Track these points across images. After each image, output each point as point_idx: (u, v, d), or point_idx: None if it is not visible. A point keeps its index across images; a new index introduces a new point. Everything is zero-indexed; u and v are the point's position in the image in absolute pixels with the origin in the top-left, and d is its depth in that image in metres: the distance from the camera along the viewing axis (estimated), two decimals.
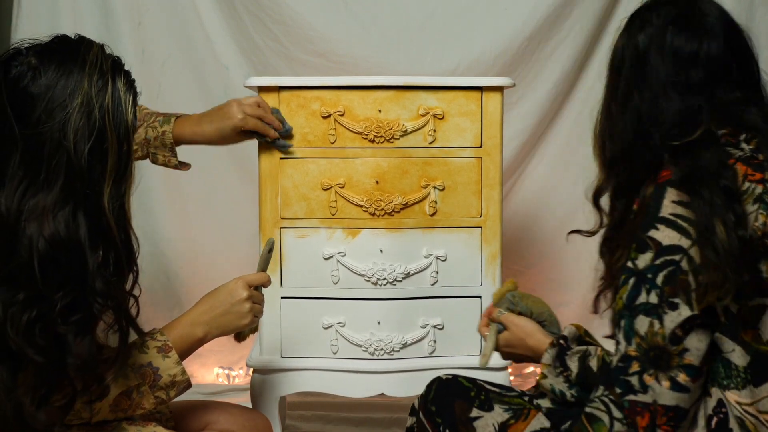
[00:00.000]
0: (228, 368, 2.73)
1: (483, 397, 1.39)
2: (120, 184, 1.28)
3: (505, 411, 1.37)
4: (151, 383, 1.35)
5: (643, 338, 1.18)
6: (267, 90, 1.81)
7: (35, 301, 1.19)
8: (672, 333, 1.16)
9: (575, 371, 1.34)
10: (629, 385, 1.17)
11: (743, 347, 1.19)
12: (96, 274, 1.23)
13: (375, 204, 1.80)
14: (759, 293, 1.18)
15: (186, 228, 2.65)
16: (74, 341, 1.21)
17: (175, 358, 1.37)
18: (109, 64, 1.28)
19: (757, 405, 1.19)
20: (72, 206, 1.22)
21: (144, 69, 2.62)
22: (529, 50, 2.55)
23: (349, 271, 1.82)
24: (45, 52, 1.25)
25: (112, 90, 1.26)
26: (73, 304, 1.21)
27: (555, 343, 1.38)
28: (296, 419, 2.41)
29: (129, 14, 2.60)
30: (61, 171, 1.22)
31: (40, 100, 1.22)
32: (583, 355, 1.35)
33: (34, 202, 1.21)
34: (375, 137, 1.80)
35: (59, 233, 1.21)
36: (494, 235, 1.84)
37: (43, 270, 1.19)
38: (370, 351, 1.82)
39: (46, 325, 1.20)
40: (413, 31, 2.59)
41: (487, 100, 1.82)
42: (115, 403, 1.33)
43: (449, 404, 1.39)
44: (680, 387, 1.16)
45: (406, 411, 1.56)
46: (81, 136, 1.22)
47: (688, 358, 1.16)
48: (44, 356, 1.20)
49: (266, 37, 2.60)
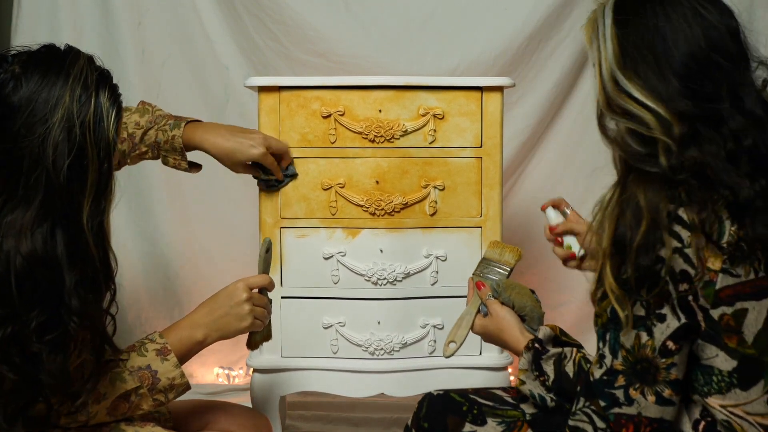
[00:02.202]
0: (228, 368, 2.73)
1: (476, 411, 1.38)
2: (99, 201, 1.25)
3: (498, 424, 1.36)
4: (150, 386, 1.34)
5: (629, 351, 1.18)
6: (267, 90, 1.81)
7: (10, 318, 1.18)
8: (663, 345, 1.17)
9: (551, 377, 1.34)
10: (615, 398, 1.18)
11: (727, 352, 1.19)
12: (72, 293, 1.21)
13: (375, 204, 1.80)
14: (738, 298, 1.18)
15: (186, 228, 2.65)
16: (48, 359, 1.19)
17: (173, 361, 1.36)
18: (95, 77, 1.25)
19: (745, 407, 1.19)
20: (50, 223, 1.20)
21: (144, 69, 2.62)
22: (529, 50, 2.55)
23: (350, 270, 1.82)
24: (30, 61, 1.23)
25: (95, 105, 1.23)
26: (48, 322, 1.19)
27: (530, 346, 1.38)
28: (296, 419, 2.41)
29: (129, 14, 2.60)
30: (39, 187, 1.20)
31: (20, 113, 1.20)
32: (558, 358, 1.34)
33: (12, 218, 1.19)
34: (375, 137, 1.80)
35: (36, 251, 1.18)
36: (494, 235, 1.84)
37: (19, 287, 1.18)
38: (370, 351, 1.82)
39: (20, 342, 1.18)
40: (413, 31, 2.59)
41: (487, 100, 1.82)
42: (113, 406, 1.32)
43: (442, 420, 1.38)
44: (665, 401, 1.17)
45: (406, 411, 1.56)
46: (60, 152, 1.20)
47: (675, 373, 1.17)
48: (18, 374, 1.18)
49: (266, 37, 2.59)
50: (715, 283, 1.17)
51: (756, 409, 1.19)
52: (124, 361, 1.34)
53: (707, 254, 1.17)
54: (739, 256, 1.18)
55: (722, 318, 1.19)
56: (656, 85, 1.23)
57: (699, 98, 1.21)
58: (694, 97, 1.20)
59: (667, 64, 1.23)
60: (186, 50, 2.64)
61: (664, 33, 1.24)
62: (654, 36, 1.24)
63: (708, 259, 1.17)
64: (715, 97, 1.21)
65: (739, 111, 1.21)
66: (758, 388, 1.19)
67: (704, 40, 1.23)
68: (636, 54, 1.24)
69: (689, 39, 1.23)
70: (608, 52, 1.26)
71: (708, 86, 1.21)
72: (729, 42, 1.24)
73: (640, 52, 1.24)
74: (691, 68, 1.22)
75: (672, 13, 1.25)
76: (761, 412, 1.19)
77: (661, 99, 1.21)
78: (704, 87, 1.21)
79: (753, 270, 1.18)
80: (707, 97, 1.21)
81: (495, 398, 1.41)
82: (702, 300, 1.18)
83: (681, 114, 1.20)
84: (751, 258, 1.18)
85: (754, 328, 1.19)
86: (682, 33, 1.23)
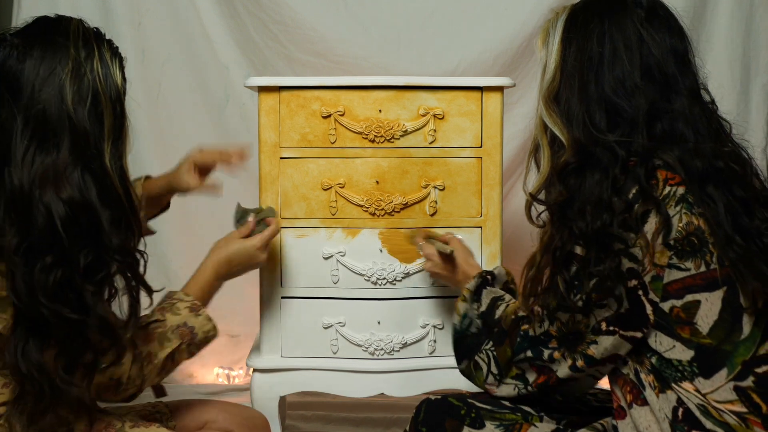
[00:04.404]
0: (228, 368, 2.73)
1: (474, 414, 1.39)
2: (117, 145, 1.33)
3: (496, 427, 1.37)
4: (189, 341, 1.45)
5: (564, 324, 1.30)
6: (267, 90, 1.81)
7: (59, 263, 1.24)
8: (597, 324, 1.27)
9: (483, 309, 1.45)
10: (540, 354, 1.33)
11: (683, 342, 1.24)
12: (110, 233, 1.28)
13: (375, 204, 1.80)
14: (688, 291, 1.24)
15: (186, 228, 2.65)
16: (96, 301, 1.27)
17: (206, 315, 1.48)
18: (92, 33, 1.33)
19: (712, 395, 1.23)
20: (80, 168, 1.27)
21: (144, 69, 2.62)
22: (529, 50, 2.55)
23: (349, 270, 1.82)
24: (27, 32, 1.31)
25: (98, 55, 1.31)
26: (94, 262, 1.27)
27: (483, 275, 1.54)
28: (296, 419, 2.41)
29: (129, 14, 2.60)
30: (65, 133, 1.26)
31: (31, 74, 1.26)
32: (495, 297, 1.46)
33: (45, 166, 1.25)
34: (375, 137, 1.80)
35: (75, 195, 1.26)
36: (494, 235, 1.84)
37: (65, 230, 1.24)
38: (370, 351, 1.82)
39: (71, 285, 1.25)
40: (413, 31, 2.59)
41: (487, 100, 1.82)
42: (162, 366, 1.42)
43: (440, 424, 1.39)
44: (576, 368, 1.30)
45: (407, 411, 1.56)
46: (78, 99, 1.27)
47: (593, 350, 1.27)
48: (78, 313, 1.25)
49: (266, 37, 2.59)
50: (662, 278, 1.24)
51: (724, 397, 1.23)
52: (164, 321, 1.44)
53: (653, 251, 1.23)
54: (689, 251, 1.23)
55: (672, 310, 1.25)
56: (568, 111, 1.34)
57: (608, 124, 1.30)
58: (597, 125, 1.30)
59: (588, 91, 1.32)
60: (186, 50, 2.64)
61: (601, 58, 1.33)
62: (589, 61, 1.33)
63: (654, 255, 1.24)
64: (630, 121, 1.29)
65: (650, 135, 1.29)
66: (721, 376, 1.23)
67: (640, 65, 1.32)
68: (566, 78, 1.35)
69: (624, 65, 1.32)
70: (548, 71, 1.38)
71: (627, 110, 1.30)
72: (670, 65, 1.33)
73: (571, 77, 1.35)
74: (617, 92, 1.31)
75: (616, 34, 1.35)
76: (729, 399, 1.23)
77: (568, 124, 1.33)
78: (623, 112, 1.30)
79: (704, 263, 1.24)
80: (618, 123, 1.30)
81: (493, 402, 1.42)
82: (651, 294, 1.24)
83: (576, 140, 1.32)
84: (702, 251, 1.24)
85: (709, 319, 1.24)
86: (619, 59, 1.32)
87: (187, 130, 2.66)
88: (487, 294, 1.48)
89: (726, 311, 1.23)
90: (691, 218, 1.24)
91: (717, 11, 2.60)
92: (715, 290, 1.24)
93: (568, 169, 1.31)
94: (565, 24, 1.39)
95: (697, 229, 1.24)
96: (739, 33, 2.60)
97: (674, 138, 1.29)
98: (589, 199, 1.26)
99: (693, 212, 1.24)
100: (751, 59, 2.63)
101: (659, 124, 1.29)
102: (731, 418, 1.21)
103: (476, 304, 1.47)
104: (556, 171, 1.33)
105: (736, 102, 2.60)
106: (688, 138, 1.29)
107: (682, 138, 1.29)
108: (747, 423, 1.21)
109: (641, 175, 1.25)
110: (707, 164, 1.27)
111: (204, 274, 1.55)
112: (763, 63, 2.64)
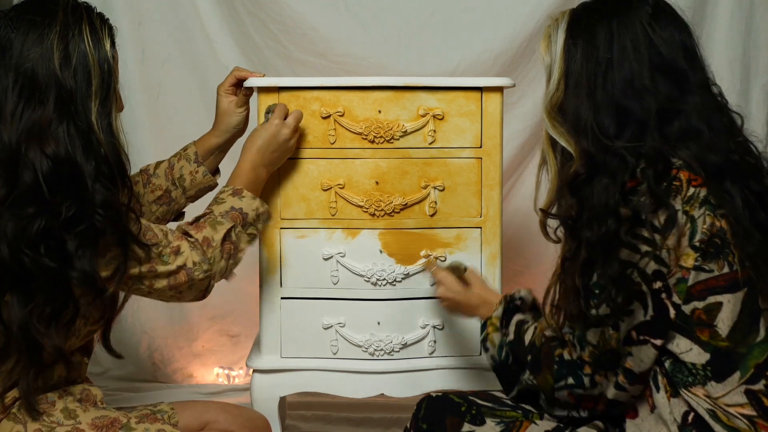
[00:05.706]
0: (228, 368, 2.73)
1: (474, 411, 1.39)
2: (105, 104, 1.37)
3: (497, 424, 1.37)
4: (242, 222, 1.54)
5: (595, 347, 1.28)
6: (267, 90, 1.81)
7: (41, 214, 1.28)
8: (627, 335, 1.25)
9: (511, 337, 1.44)
10: (581, 381, 1.30)
11: (701, 345, 1.24)
12: (94, 188, 1.32)
13: (375, 204, 1.80)
14: (711, 292, 1.23)
15: None
16: (77, 254, 1.30)
17: (250, 195, 1.58)
18: (82, 4, 1.40)
19: (723, 399, 1.23)
20: (65, 124, 1.32)
21: (144, 69, 2.62)
22: (529, 50, 2.55)
23: (349, 271, 1.82)
24: (21, 6, 1.38)
25: (87, 20, 1.37)
26: (76, 215, 1.30)
27: (509, 300, 1.52)
28: (296, 419, 2.41)
29: (129, 14, 2.60)
30: (51, 90, 1.33)
31: (21, 36, 1.34)
32: (519, 321, 1.45)
33: (31, 122, 1.31)
34: (375, 138, 1.80)
35: (59, 150, 1.31)
36: (494, 235, 1.84)
37: (48, 185, 1.29)
38: (370, 351, 1.82)
39: (53, 235, 1.29)
40: (413, 31, 2.59)
41: (487, 100, 1.82)
42: (222, 248, 1.50)
43: (440, 421, 1.40)
44: (619, 386, 1.28)
45: (406, 411, 1.56)
46: (64, 57, 1.33)
47: (629, 362, 1.26)
48: (57, 262, 1.29)
49: (266, 37, 2.59)
50: (687, 280, 1.23)
51: (734, 400, 1.23)
52: (211, 212, 1.54)
53: (680, 253, 1.23)
54: (713, 252, 1.23)
55: (694, 312, 1.24)
56: (575, 121, 1.32)
57: (618, 128, 1.29)
58: (606, 132, 1.29)
59: (596, 96, 1.31)
60: (186, 50, 2.64)
61: (609, 61, 1.32)
62: (597, 66, 1.32)
63: (681, 258, 1.23)
64: (640, 122, 1.28)
65: (661, 134, 1.28)
66: (733, 379, 1.23)
67: (650, 64, 1.31)
68: (572, 86, 1.34)
69: (633, 65, 1.31)
70: (552, 82, 1.37)
71: (637, 112, 1.29)
72: (680, 61, 1.32)
73: (577, 84, 1.33)
74: (626, 93, 1.30)
75: (624, 33, 1.33)
76: (740, 402, 1.23)
77: (575, 134, 1.32)
78: (632, 114, 1.29)
79: (727, 263, 1.24)
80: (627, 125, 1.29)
81: (494, 399, 1.42)
82: (675, 296, 1.24)
83: (584, 150, 1.31)
84: (725, 252, 1.23)
85: (729, 321, 1.24)
86: (627, 60, 1.31)
87: (187, 130, 2.65)
88: (513, 321, 1.46)
89: (744, 313, 1.23)
90: (714, 220, 1.23)
91: (717, 11, 2.60)
92: (737, 291, 1.23)
93: (578, 180, 1.30)
94: (567, 30, 1.37)
95: (720, 231, 1.24)
96: (739, 33, 2.60)
97: (689, 134, 1.28)
98: (596, 207, 1.25)
99: (715, 214, 1.24)
100: (751, 59, 2.63)
101: (675, 122, 1.28)
102: (741, 422, 1.21)
103: (504, 330, 1.45)
104: (566, 183, 1.32)
105: (736, 102, 2.57)
106: (703, 133, 1.28)
107: (697, 134, 1.28)
108: (756, 426, 1.21)
109: (650, 176, 1.24)
110: (724, 158, 1.26)
111: (240, 168, 1.64)
112: (763, 63, 2.64)
